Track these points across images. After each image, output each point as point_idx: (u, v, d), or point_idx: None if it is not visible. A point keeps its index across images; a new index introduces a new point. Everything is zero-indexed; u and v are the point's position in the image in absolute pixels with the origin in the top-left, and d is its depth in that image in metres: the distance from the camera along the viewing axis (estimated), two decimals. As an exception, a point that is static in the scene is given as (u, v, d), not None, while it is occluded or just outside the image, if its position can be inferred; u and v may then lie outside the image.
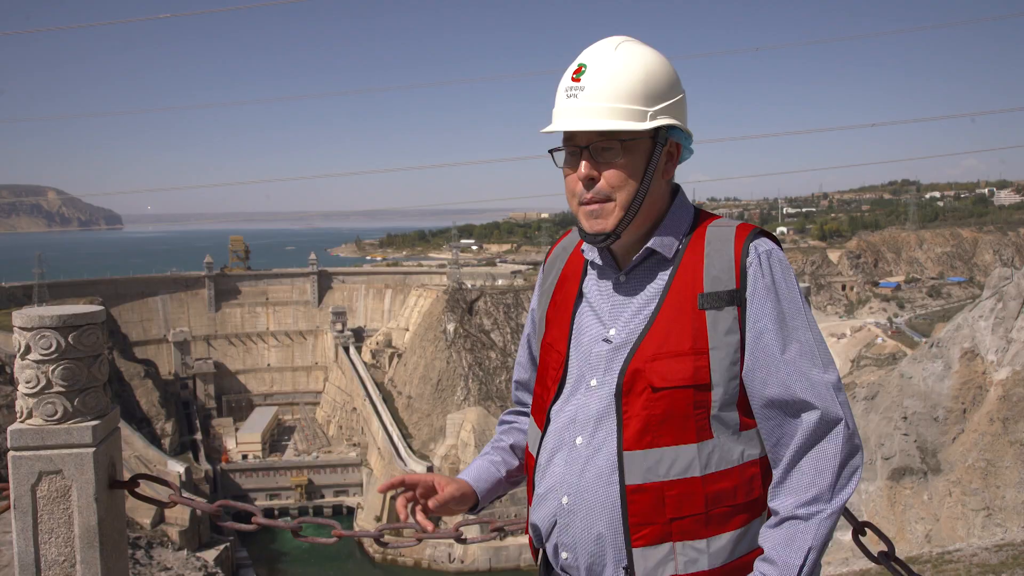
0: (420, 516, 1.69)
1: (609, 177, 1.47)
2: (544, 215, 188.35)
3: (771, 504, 1.45)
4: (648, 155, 1.49)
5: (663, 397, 1.43)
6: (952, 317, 35.68)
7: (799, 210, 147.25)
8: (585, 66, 1.48)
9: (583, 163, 1.48)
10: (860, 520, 1.96)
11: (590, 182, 1.48)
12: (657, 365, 1.44)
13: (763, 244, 1.48)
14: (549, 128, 1.51)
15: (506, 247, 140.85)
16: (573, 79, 1.48)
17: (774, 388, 1.43)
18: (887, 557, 1.91)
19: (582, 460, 1.51)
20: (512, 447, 1.83)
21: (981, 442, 26.29)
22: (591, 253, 1.62)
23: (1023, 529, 17.86)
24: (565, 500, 1.52)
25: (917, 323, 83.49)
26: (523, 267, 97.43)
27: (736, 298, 1.44)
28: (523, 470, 1.81)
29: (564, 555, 1.54)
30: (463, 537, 2.33)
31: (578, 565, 1.52)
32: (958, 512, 25.36)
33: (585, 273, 1.63)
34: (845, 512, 2.02)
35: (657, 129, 1.48)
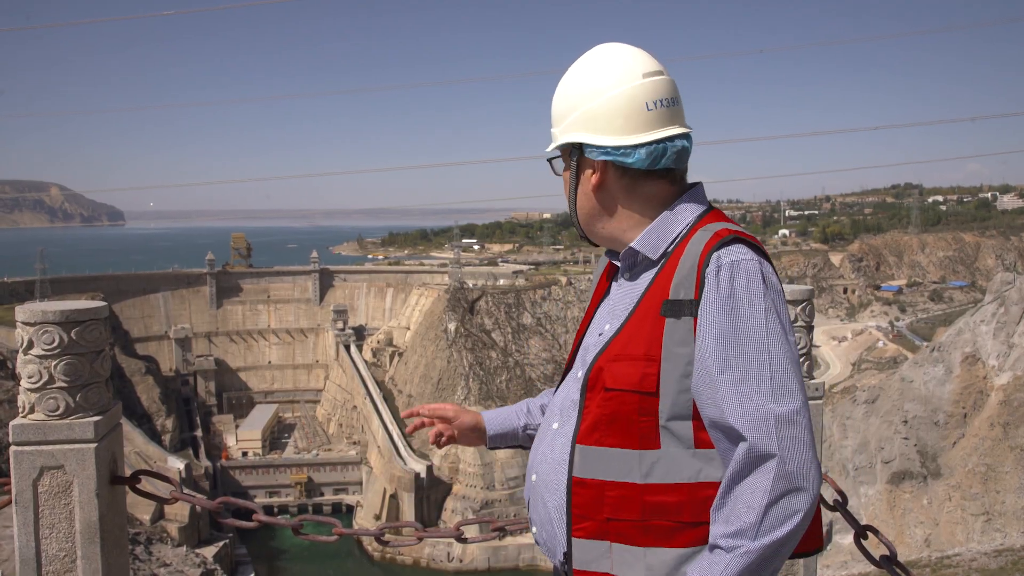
0: (421, 422, 1.91)
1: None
2: (546, 215, 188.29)
3: (710, 527, 1.39)
4: (571, 169, 1.60)
5: (613, 398, 1.45)
6: (954, 321, 35.64)
7: (801, 213, 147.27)
8: None
9: None
10: (862, 524, 1.95)
11: None
12: (614, 366, 1.46)
13: (730, 254, 1.41)
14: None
15: (508, 247, 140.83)
16: None
17: (711, 410, 1.38)
18: (889, 561, 1.90)
19: (550, 445, 1.59)
20: (542, 407, 1.90)
21: (981, 447, 26.25)
22: (611, 252, 1.69)
23: (1023, 535, 17.85)
24: (534, 478, 1.62)
25: (918, 327, 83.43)
26: (524, 267, 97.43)
27: (693, 309, 1.41)
28: None
29: (534, 528, 1.63)
30: (463, 536, 2.33)
31: (541, 540, 1.60)
32: (958, 517, 25.32)
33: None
34: (847, 516, 2.02)
35: (572, 145, 1.57)
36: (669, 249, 1.51)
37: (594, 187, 1.56)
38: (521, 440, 1.89)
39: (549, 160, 1.65)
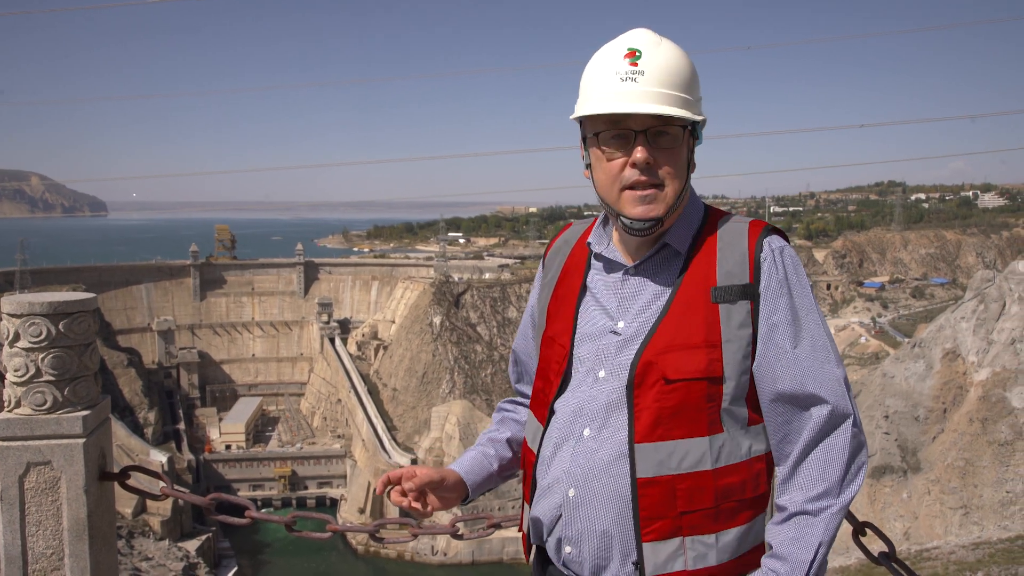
0: (410, 502, 1.63)
1: (666, 165, 1.46)
2: (532, 209, 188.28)
3: (779, 500, 1.45)
4: (688, 148, 1.50)
5: (677, 389, 1.43)
6: (935, 318, 36.04)
7: (786, 209, 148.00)
8: (639, 52, 1.46)
9: (639, 147, 1.45)
10: (860, 520, 1.95)
11: (647, 167, 1.45)
12: (670, 357, 1.44)
13: (776, 241, 1.50)
14: (614, 109, 1.44)
15: (493, 241, 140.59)
16: (631, 64, 1.45)
17: (786, 383, 1.44)
18: (888, 558, 1.91)
19: (589, 452, 1.50)
20: (509, 440, 1.79)
21: (960, 441, 26.59)
22: (599, 246, 1.60)
23: (1000, 527, 18.11)
24: (571, 493, 1.50)
25: (900, 323, 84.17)
26: (510, 261, 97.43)
27: (749, 292, 1.45)
28: (518, 464, 1.77)
29: (568, 549, 1.52)
30: (459, 533, 2.32)
31: (582, 560, 1.50)
32: (936, 510, 25.66)
33: (589, 267, 1.62)
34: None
35: (695, 123, 1.51)
36: (692, 242, 1.52)
37: (693, 170, 1.54)
38: (496, 482, 1.78)
39: (684, 125, 1.48)
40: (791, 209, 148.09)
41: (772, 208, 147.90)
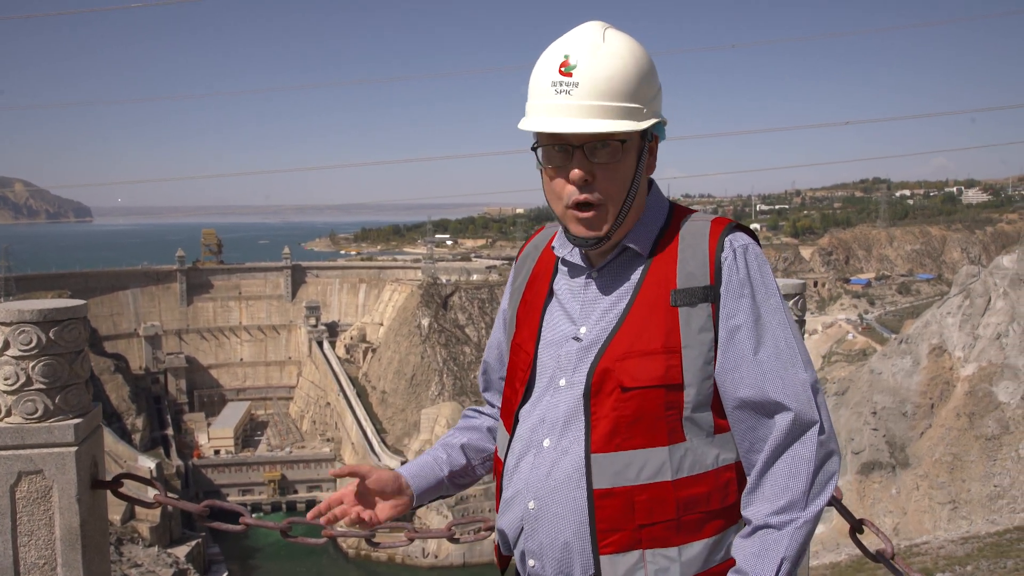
0: (360, 513, 1.59)
1: (605, 181, 1.39)
2: (519, 210, 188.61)
3: (744, 512, 1.38)
4: (638, 154, 1.42)
5: (633, 397, 1.37)
6: (921, 314, 36.38)
7: (772, 207, 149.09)
8: (576, 59, 1.37)
9: (575, 167, 1.38)
10: (857, 517, 1.96)
11: (585, 184, 1.39)
12: (627, 364, 1.38)
13: (739, 239, 1.43)
14: (542, 128, 1.38)
15: (481, 242, 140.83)
16: (562, 72, 1.37)
17: (747, 389, 1.37)
18: (886, 555, 1.91)
19: (549, 463, 1.45)
20: (463, 446, 1.74)
21: (948, 436, 26.82)
22: (563, 250, 1.54)
23: (988, 521, 18.25)
24: (531, 505, 1.46)
25: (887, 319, 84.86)
26: (498, 262, 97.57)
27: (710, 294, 1.38)
28: (475, 472, 1.75)
29: (531, 562, 1.47)
30: (455, 536, 2.31)
31: (545, 573, 1.45)
32: (925, 505, 25.85)
33: (556, 271, 1.57)
34: (842, 508, 2.03)
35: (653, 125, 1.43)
36: (654, 243, 1.46)
37: (652, 170, 1.49)
38: (447, 489, 1.72)
39: (624, 139, 1.39)
40: (777, 207, 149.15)
41: (758, 206, 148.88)
